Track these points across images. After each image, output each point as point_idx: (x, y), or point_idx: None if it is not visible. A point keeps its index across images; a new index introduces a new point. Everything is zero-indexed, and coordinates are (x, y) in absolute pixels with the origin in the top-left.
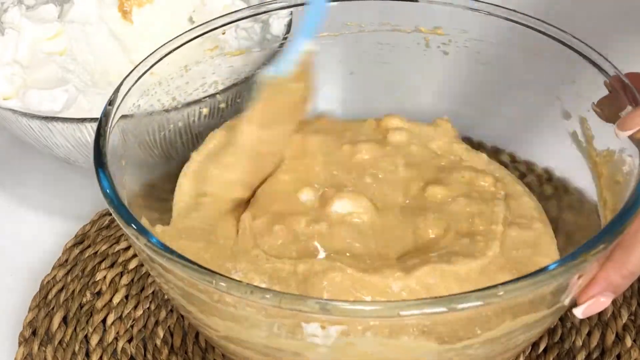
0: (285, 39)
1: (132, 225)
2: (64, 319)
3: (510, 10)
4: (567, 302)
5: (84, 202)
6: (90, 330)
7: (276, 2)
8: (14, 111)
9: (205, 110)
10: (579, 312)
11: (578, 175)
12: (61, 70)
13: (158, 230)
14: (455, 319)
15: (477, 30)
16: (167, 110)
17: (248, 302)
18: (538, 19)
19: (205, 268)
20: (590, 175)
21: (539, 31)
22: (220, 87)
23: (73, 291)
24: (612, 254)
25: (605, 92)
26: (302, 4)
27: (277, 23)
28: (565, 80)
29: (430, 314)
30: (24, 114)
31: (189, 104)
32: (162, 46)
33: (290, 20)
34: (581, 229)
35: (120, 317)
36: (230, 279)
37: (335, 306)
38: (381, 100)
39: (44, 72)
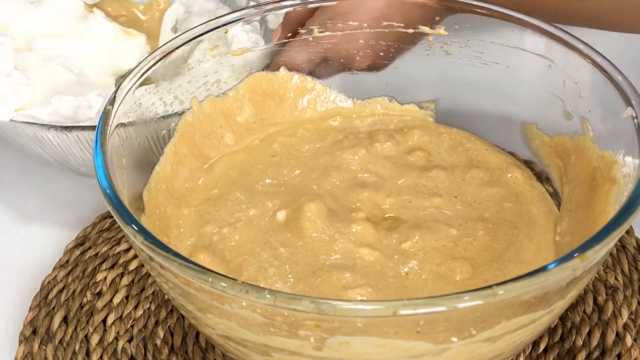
0: None
1: (132, 225)
2: (65, 319)
3: (512, 10)
4: (562, 303)
5: (85, 205)
6: (91, 330)
7: (275, 2)
8: (30, 124)
9: None
10: None
11: None
12: (69, 74)
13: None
14: (450, 319)
15: (479, 31)
16: (168, 110)
17: (243, 300)
18: (540, 20)
19: (201, 266)
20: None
21: (541, 32)
22: (223, 86)
23: (74, 291)
24: None
25: (607, 93)
26: (300, 4)
27: (276, 22)
28: (567, 81)
29: (428, 314)
30: (41, 125)
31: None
32: (163, 45)
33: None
34: None
35: (120, 317)
36: (226, 277)
37: (330, 305)
38: (383, 100)
39: (53, 77)
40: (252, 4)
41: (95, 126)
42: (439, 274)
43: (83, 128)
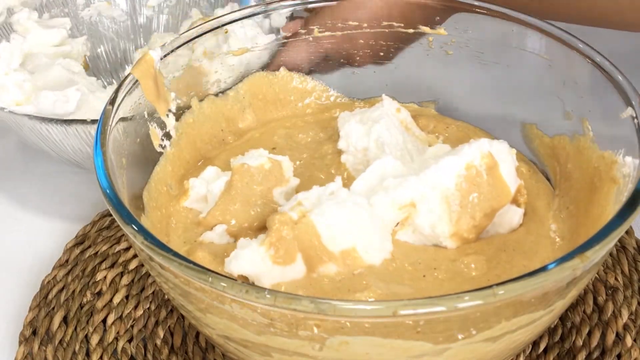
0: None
1: (132, 225)
2: (65, 319)
3: (512, 11)
4: (562, 303)
5: (84, 203)
6: (91, 330)
7: (276, 2)
8: (30, 116)
9: None
10: None
11: None
12: (68, 73)
13: None
14: (451, 319)
15: (479, 31)
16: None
17: (243, 300)
18: (540, 20)
19: (200, 266)
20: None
21: (541, 32)
22: (223, 86)
23: (73, 291)
24: None
25: (607, 93)
26: (300, 4)
27: (278, 19)
28: (567, 81)
29: (428, 314)
30: (41, 119)
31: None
32: (163, 45)
33: (292, 14)
34: None
35: (120, 317)
36: (226, 277)
37: (330, 305)
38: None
39: (51, 76)
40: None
41: (93, 119)
42: (455, 272)
43: (83, 122)
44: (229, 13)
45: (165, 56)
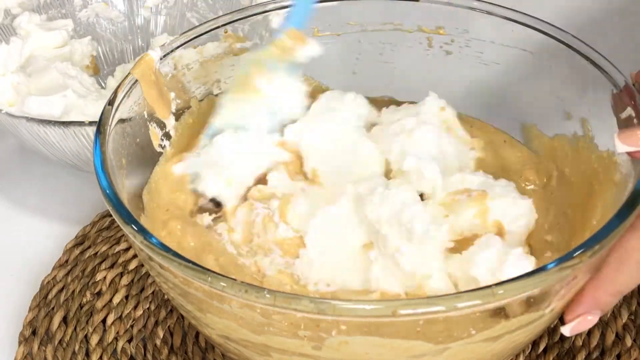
0: None
1: (132, 225)
2: (64, 319)
3: (512, 10)
4: (562, 303)
5: (84, 204)
6: (90, 330)
7: (276, 2)
8: (27, 118)
9: None
10: (566, 331)
11: None
12: (62, 77)
13: None
14: (450, 319)
15: (479, 30)
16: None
17: (242, 300)
18: (539, 19)
19: (200, 266)
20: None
21: (541, 31)
22: (223, 86)
23: (73, 291)
24: (600, 270)
25: (607, 93)
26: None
27: (277, 19)
28: (567, 80)
29: (428, 313)
30: (39, 121)
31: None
32: (163, 45)
33: None
34: None
35: (120, 317)
36: (225, 277)
37: (330, 305)
38: (383, 100)
39: (45, 79)
40: (254, 3)
41: (91, 121)
42: None
43: (80, 124)
44: (229, 13)
45: (165, 56)
